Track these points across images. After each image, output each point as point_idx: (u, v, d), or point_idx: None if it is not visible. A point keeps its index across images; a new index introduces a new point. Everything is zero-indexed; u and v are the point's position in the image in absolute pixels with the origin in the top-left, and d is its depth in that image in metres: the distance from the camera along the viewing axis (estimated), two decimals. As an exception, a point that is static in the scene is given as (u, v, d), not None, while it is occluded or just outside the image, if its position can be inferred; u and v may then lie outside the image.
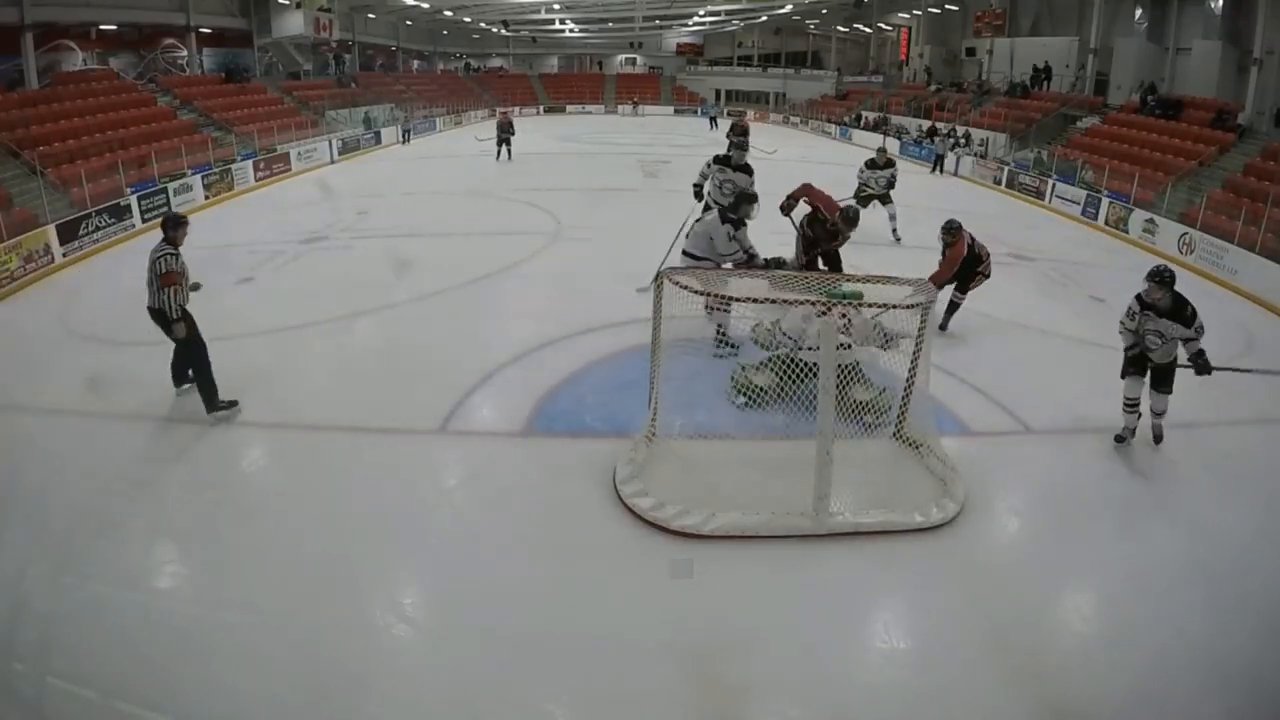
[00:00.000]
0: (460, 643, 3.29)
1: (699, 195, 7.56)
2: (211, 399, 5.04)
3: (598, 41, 38.18)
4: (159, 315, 4.96)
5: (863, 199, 10.05)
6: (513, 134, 17.26)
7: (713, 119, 28.16)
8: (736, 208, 5.87)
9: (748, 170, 7.32)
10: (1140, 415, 4.98)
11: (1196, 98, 15.85)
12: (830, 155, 20.92)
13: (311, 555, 3.75)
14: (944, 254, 6.61)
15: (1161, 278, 4.62)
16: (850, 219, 6.45)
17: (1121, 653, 3.31)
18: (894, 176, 10.30)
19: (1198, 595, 3.66)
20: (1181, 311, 4.61)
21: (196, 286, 5.13)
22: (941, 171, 18.23)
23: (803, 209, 6.74)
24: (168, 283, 4.85)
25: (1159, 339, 4.70)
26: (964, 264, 6.57)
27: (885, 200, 10.27)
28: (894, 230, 10.22)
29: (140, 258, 5.16)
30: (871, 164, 10.34)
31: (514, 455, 4.72)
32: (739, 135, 8.14)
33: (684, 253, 6.09)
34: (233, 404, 5.11)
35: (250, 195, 13.83)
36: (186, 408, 5.18)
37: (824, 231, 6.61)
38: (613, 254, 8.04)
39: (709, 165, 7.51)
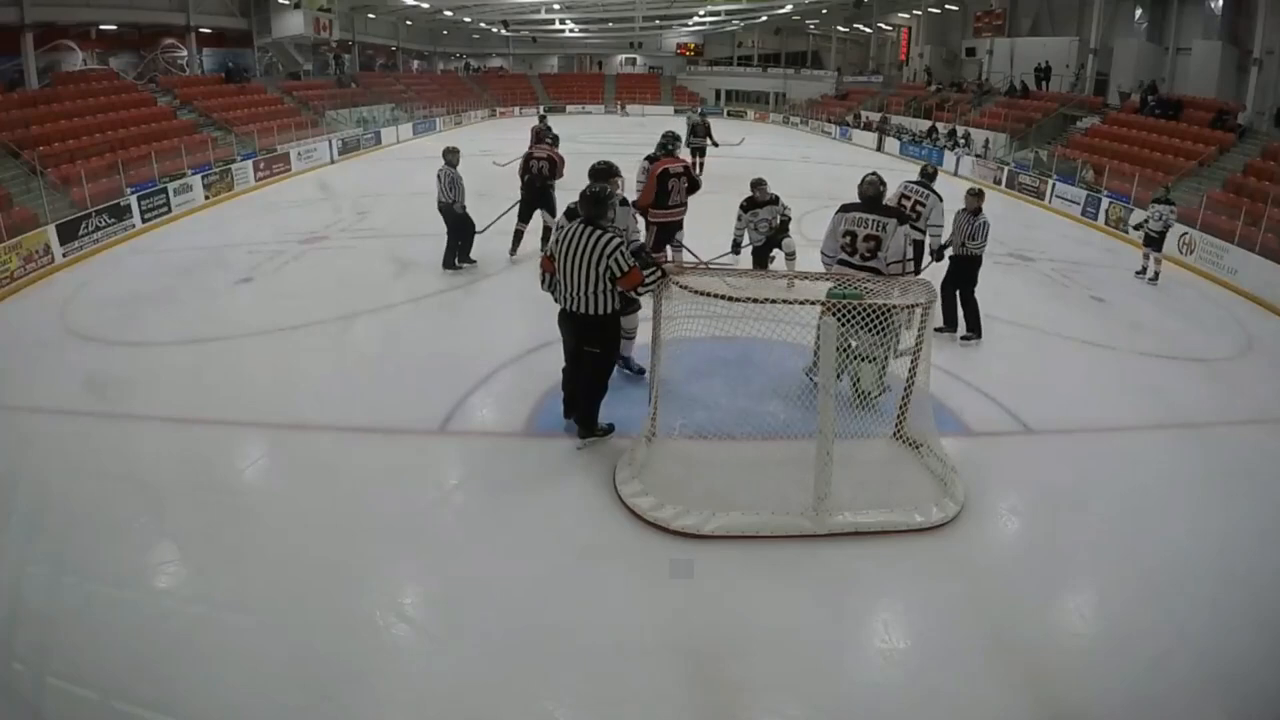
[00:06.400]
0: (460, 643, 3.29)
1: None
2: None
3: (598, 41, 38.17)
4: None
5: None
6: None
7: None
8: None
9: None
10: None
11: (1196, 98, 15.87)
12: (826, 155, 20.95)
13: (311, 555, 3.75)
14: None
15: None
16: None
17: (1122, 653, 3.30)
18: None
19: (1199, 596, 3.66)
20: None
21: None
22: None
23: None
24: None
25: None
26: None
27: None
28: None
29: (141, 257, 5.15)
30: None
31: (514, 455, 4.71)
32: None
33: None
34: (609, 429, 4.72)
35: (250, 195, 13.82)
36: (186, 407, 5.18)
37: None
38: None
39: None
